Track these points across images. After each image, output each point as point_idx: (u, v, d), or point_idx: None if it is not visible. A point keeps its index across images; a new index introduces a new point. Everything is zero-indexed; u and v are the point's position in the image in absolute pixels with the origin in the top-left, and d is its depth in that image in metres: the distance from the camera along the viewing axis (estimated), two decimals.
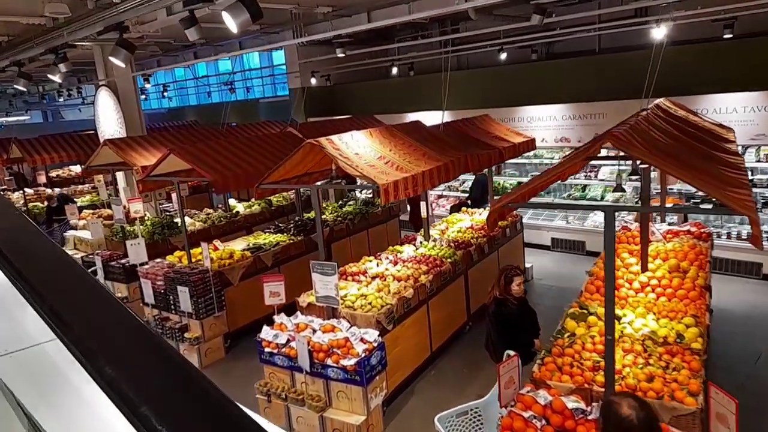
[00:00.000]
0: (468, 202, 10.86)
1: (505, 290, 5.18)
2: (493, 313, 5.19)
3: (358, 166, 5.57)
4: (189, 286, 7.22)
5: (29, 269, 1.53)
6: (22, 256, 1.62)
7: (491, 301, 5.25)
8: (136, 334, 1.16)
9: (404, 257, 7.27)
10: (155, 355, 1.10)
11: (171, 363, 1.06)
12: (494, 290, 5.25)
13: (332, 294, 5.74)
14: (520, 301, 5.27)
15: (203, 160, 7.53)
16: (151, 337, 1.14)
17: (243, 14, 5.17)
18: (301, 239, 9.03)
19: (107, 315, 1.26)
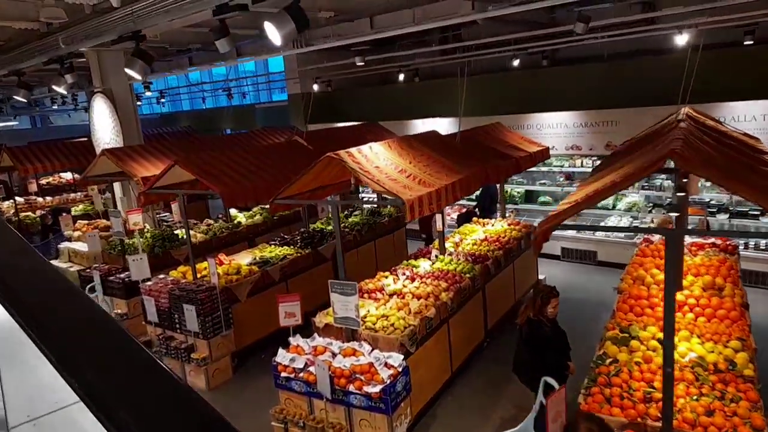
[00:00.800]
0: (476, 211, 10.61)
1: (540, 312, 4.92)
2: (527, 335, 4.93)
3: (380, 181, 5.30)
4: (196, 304, 6.89)
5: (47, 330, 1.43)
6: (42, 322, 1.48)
7: (524, 322, 4.99)
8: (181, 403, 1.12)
9: (421, 272, 6.98)
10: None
11: None
12: (528, 311, 4.99)
13: (352, 315, 5.45)
14: (552, 322, 5.02)
15: (210, 172, 7.21)
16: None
17: (288, 25, 4.83)
18: (309, 252, 8.72)
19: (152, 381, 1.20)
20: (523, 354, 5.02)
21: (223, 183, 7.03)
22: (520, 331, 5.08)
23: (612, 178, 3.85)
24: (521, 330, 5.05)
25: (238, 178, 7.32)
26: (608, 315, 8.10)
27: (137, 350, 1.35)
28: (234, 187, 7.03)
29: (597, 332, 7.51)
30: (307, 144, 9.12)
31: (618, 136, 9.75)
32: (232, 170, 7.45)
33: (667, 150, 3.27)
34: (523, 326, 5.00)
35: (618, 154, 6.09)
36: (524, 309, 5.04)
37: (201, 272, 7.85)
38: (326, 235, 9.37)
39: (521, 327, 5.05)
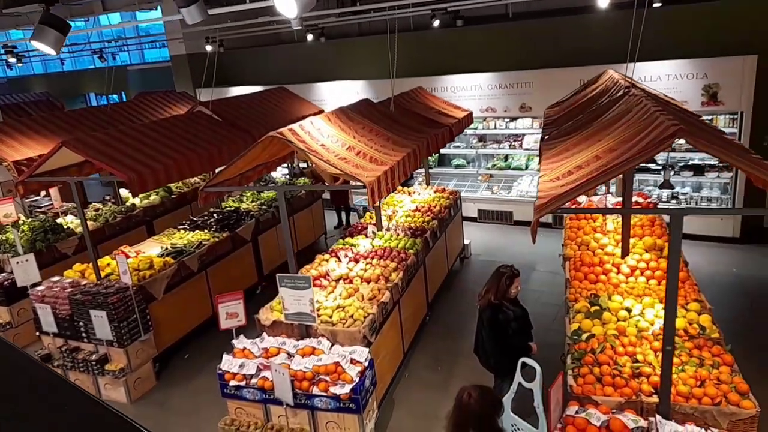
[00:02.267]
0: None
1: (504, 295, 4.72)
2: (490, 320, 4.72)
3: (330, 161, 4.74)
4: (107, 309, 5.93)
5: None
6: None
7: (486, 306, 4.76)
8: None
9: (362, 252, 6.57)
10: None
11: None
12: (489, 294, 4.75)
13: (306, 310, 4.94)
14: (514, 302, 4.87)
15: (108, 154, 6.11)
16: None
17: None
18: (227, 235, 7.91)
19: None
20: (485, 338, 4.84)
21: (127, 167, 5.99)
22: (480, 314, 4.87)
23: (605, 155, 3.66)
24: (481, 314, 4.85)
25: (144, 159, 6.29)
26: (542, 277, 8.37)
27: (32, 367, 1.15)
28: (141, 170, 6.03)
29: (542, 299, 7.67)
30: (215, 114, 8.14)
31: (532, 97, 9.87)
32: (135, 150, 6.39)
33: (673, 127, 3.11)
34: (485, 310, 4.78)
35: (562, 121, 6.01)
36: (485, 292, 4.79)
37: (103, 270, 6.79)
38: (242, 215, 8.57)
39: (482, 310, 4.84)
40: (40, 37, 4.37)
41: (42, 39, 4.45)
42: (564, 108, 6.72)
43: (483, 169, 11.15)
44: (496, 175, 11.07)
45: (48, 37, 4.34)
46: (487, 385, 3.31)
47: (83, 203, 10.43)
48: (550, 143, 5.09)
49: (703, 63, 8.44)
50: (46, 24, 4.26)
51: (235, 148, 7.58)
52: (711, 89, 8.38)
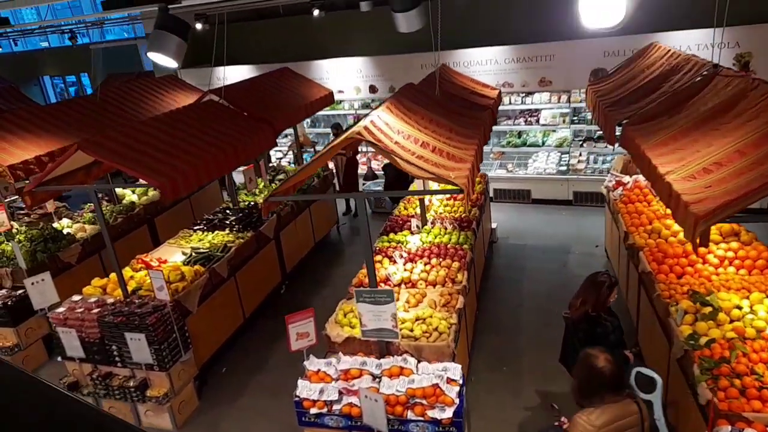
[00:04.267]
0: None
1: (602, 305, 4.35)
2: (587, 334, 4.33)
3: (411, 161, 4.23)
4: (145, 331, 5.33)
5: None
6: None
7: (582, 318, 4.37)
8: None
9: (413, 250, 6.13)
10: None
11: None
12: (586, 306, 4.35)
13: (388, 326, 4.49)
14: (608, 311, 4.48)
15: (131, 157, 5.40)
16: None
17: None
18: (252, 235, 7.31)
19: None
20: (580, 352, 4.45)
21: (156, 171, 5.31)
22: (574, 327, 4.47)
23: (750, 150, 3.30)
24: (576, 326, 4.45)
25: (171, 160, 5.60)
26: (581, 260, 8.05)
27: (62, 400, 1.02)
28: (172, 175, 5.36)
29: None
30: (227, 103, 7.41)
31: (553, 71, 9.47)
32: (158, 151, 5.68)
33: None
34: (581, 323, 4.39)
35: (627, 100, 5.62)
36: (580, 304, 4.39)
37: (108, 284, 6.13)
38: (261, 209, 7.93)
39: (576, 323, 4.45)
40: (159, 45, 3.40)
41: (164, 50, 3.41)
42: (619, 84, 6.34)
43: (497, 147, 10.75)
44: (508, 152, 10.71)
45: (171, 45, 3.49)
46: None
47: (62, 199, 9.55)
48: (640, 129, 4.71)
49: (734, 31, 8.18)
50: (167, 28, 3.42)
51: (258, 141, 6.94)
52: (743, 58, 8.15)
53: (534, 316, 6.86)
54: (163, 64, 3.49)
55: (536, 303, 7.14)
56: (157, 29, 3.41)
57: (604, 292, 4.32)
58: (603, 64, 8.97)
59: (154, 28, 3.45)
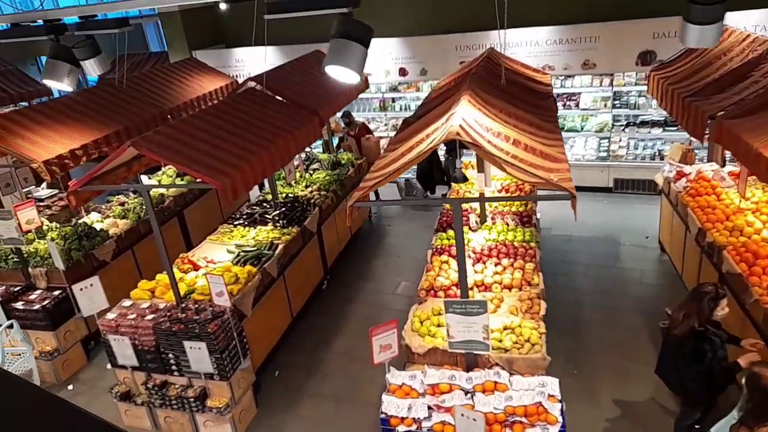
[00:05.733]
0: None
1: (708, 319, 4.06)
2: (694, 350, 4.04)
3: (510, 163, 3.91)
4: (206, 340, 5.04)
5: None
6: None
7: (688, 334, 4.06)
8: None
9: (478, 249, 5.84)
10: None
11: None
12: (691, 320, 4.05)
13: (479, 338, 4.22)
14: (716, 325, 4.18)
15: (188, 156, 5.02)
16: None
17: None
18: (298, 230, 6.98)
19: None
20: (684, 367, 4.15)
21: (215, 170, 4.95)
22: (677, 342, 4.16)
23: None
24: (680, 342, 4.14)
25: (228, 158, 5.22)
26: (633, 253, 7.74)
27: None
28: (232, 174, 5.00)
29: (646, 278, 7.09)
30: (270, 92, 6.99)
31: (597, 53, 9.08)
32: (213, 147, 5.30)
33: None
34: (686, 338, 4.08)
35: (711, 90, 5.29)
36: (684, 317, 4.06)
37: (163, 289, 5.81)
38: (303, 202, 7.60)
39: (680, 339, 4.14)
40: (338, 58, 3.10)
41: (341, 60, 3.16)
42: (692, 71, 5.99)
43: None
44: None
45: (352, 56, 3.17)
46: None
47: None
48: (742, 124, 4.39)
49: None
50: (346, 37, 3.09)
51: (306, 132, 6.57)
52: None
53: (596, 315, 6.62)
54: (343, 80, 3.20)
55: (595, 300, 6.89)
56: (337, 38, 3.01)
57: (705, 305, 4.03)
58: (653, 47, 8.60)
59: (332, 37, 3.04)
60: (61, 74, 4.22)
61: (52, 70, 4.12)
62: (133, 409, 5.59)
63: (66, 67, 4.20)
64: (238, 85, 9.41)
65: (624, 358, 5.86)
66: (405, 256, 8.61)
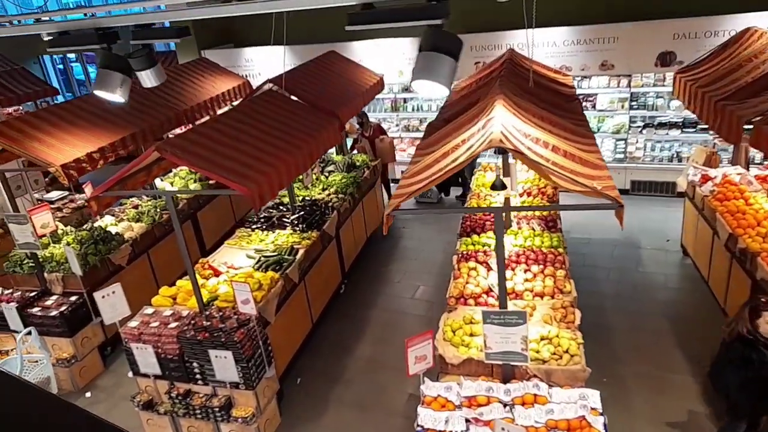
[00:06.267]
0: None
1: (754, 328, 4.03)
2: (740, 356, 4.02)
3: (554, 172, 3.81)
4: (232, 348, 4.94)
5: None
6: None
7: (733, 338, 4.06)
8: None
9: (507, 255, 5.73)
10: None
11: None
12: (738, 326, 4.06)
13: (516, 349, 4.13)
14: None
15: (214, 161, 4.91)
16: None
17: None
18: (318, 235, 6.88)
19: None
20: (730, 372, 4.14)
21: (242, 176, 4.84)
22: (725, 345, 4.18)
23: None
24: (727, 345, 4.15)
25: (253, 163, 5.11)
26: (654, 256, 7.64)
27: None
28: (259, 180, 4.89)
29: (671, 283, 7.00)
30: (289, 93, 6.88)
31: (616, 53, 8.98)
32: (238, 152, 5.19)
33: None
34: (731, 342, 4.08)
35: (748, 92, 5.19)
36: (733, 323, 4.12)
37: (178, 293, 5.72)
38: (321, 206, 7.50)
39: (727, 343, 4.14)
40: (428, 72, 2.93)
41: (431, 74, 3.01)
42: (722, 74, 5.89)
43: None
44: None
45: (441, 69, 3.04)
46: None
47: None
48: None
49: None
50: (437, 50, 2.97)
51: (327, 136, 6.46)
52: None
53: (621, 319, 6.53)
54: (431, 94, 3.11)
55: (619, 305, 6.81)
56: (427, 52, 2.88)
57: (743, 311, 4.03)
58: (673, 47, 8.50)
59: (421, 50, 2.91)
60: (114, 85, 4.10)
61: (105, 80, 3.98)
62: (155, 419, 5.49)
63: (119, 77, 4.07)
64: (250, 85, 9.32)
65: (653, 365, 5.77)
66: (421, 259, 8.52)
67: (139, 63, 4.26)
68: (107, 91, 4.07)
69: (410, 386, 5.87)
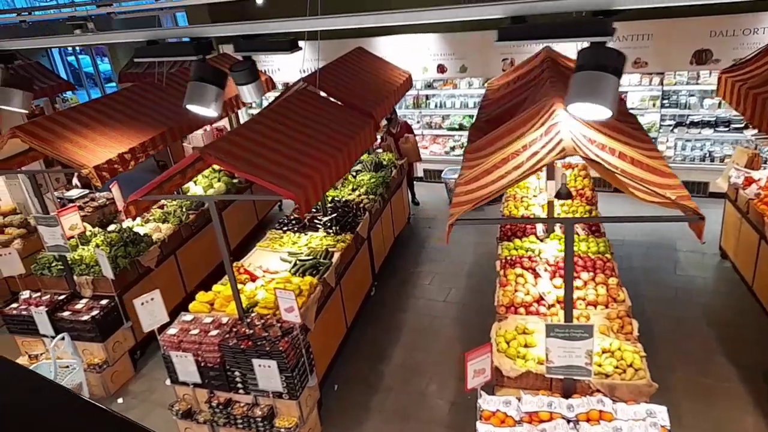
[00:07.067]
0: None
1: None
2: None
3: (630, 185, 3.66)
4: (277, 358, 4.81)
5: None
6: None
7: None
8: None
9: (552, 261, 5.59)
10: None
11: None
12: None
13: (581, 363, 3.98)
14: None
15: (259, 165, 4.75)
16: None
17: None
18: (351, 237, 6.73)
19: None
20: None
21: (288, 181, 4.69)
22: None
23: None
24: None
25: (297, 167, 4.95)
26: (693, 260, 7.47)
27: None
28: (304, 184, 4.74)
29: (723, 288, 6.80)
30: (325, 93, 6.71)
31: (649, 51, 8.79)
32: (282, 156, 5.03)
33: None
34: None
35: None
36: None
37: (216, 299, 5.59)
38: (352, 207, 7.34)
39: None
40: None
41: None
42: None
43: None
44: None
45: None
46: None
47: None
48: None
49: None
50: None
51: (364, 137, 6.30)
52: None
53: (663, 326, 6.39)
54: (588, 117, 2.86)
55: (660, 309, 6.66)
56: (589, 71, 2.69)
57: None
58: (709, 45, 8.30)
59: (581, 69, 2.73)
60: (208, 99, 3.92)
61: (198, 93, 3.75)
62: (194, 428, 5.37)
63: (213, 90, 3.89)
64: (273, 82, 9.18)
65: (701, 374, 5.64)
66: (450, 260, 8.37)
67: (242, 77, 4.04)
68: (201, 105, 3.86)
69: (451, 394, 5.75)
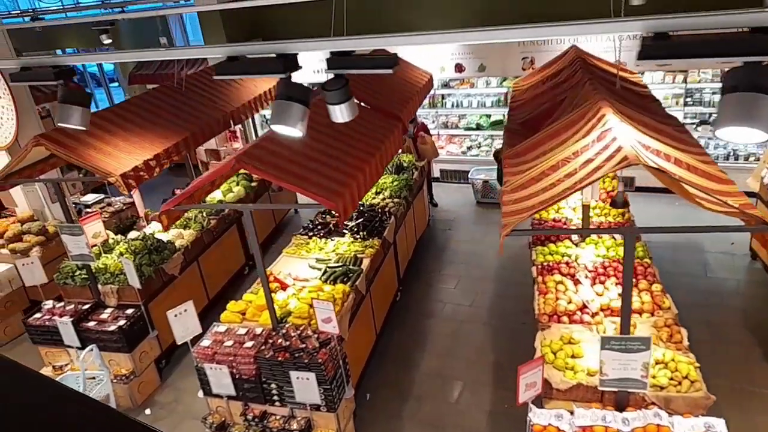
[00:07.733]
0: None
1: None
2: None
3: (710, 198, 3.54)
4: (316, 370, 4.70)
5: None
6: None
7: None
8: None
9: (590, 267, 5.47)
10: None
11: None
12: None
13: (636, 376, 3.87)
14: None
15: (296, 173, 4.65)
16: None
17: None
18: (379, 243, 6.61)
19: None
20: None
21: (327, 189, 4.58)
22: None
23: None
24: None
25: (333, 174, 4.85)
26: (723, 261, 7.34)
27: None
28: (342, 192, 4.63)
29: (759, 291, 6.70)
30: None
31: None
32: (317, 163, 4.92)
33: None
34: None
35: None
36: None
37: (247, 308, 5.47)
38: (378, 211, 7.22)
39: None
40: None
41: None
42: None
43: None
44: None
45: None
46: None
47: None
48: None
49: None
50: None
51: (393, 142, 6.18)
52: None
53: (700, 330, 6.23)
54: (744, 141, 2.62)
55: (694, 314, 6.50)
56: (741, 93, 2.54)
57: None
58: None
59: (731, 91, 2.60)
60: (295, 118, 3.79)
61: (284, 112, 3.56)
62: None
63: (299, 109, 3.75)
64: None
65: (744, 380, 5.53)
66: (473, 263, 8.26)
67: (336, 96, 3.87)
68: (287, 125, 3.67)
69: (486, 403, 5.65)
